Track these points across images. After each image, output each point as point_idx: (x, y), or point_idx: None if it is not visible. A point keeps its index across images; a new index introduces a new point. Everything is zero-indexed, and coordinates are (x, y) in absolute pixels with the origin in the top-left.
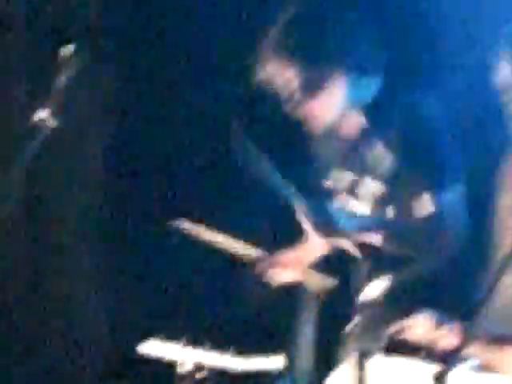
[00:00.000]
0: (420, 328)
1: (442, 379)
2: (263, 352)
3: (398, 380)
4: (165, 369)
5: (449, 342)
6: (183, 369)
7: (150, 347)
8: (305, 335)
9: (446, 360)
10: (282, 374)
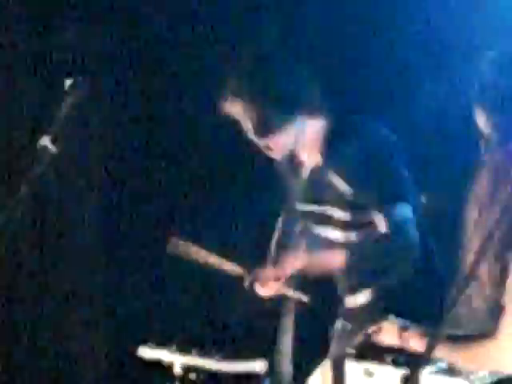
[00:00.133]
0: (386, 333)
1: (410, 381)
2: (247, 357)
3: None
4: (159, 370)
5: (415, 346)
6: (176, 371)
7: (147, 351)
8: (284, 342)
9: (413, 363)
10: (264, 376)
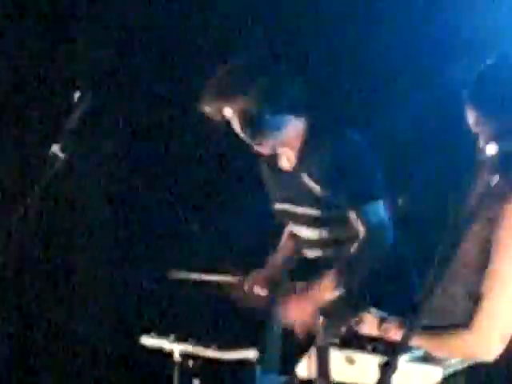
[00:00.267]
0: (366, 324)
1: (387, 367)
2: (240, 346)
3: (352, 369)
4: (161, 358)
5: (393, 335)
6: (175, 358)
7: (149, 340)
8: (274, 332)
9: (391, 351)
10: (256, 363)
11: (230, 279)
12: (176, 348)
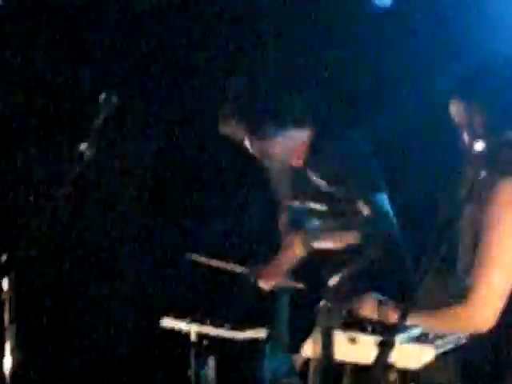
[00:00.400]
0: (366, 307)
1: (385, 346)
2: (251, 326)
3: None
4: (180, 338)
5: (390, 317)
6: (192, 338)
7: (168, 322)
8: (282, 314)
9: (389, 331)
10: (265, 342)
11: (241, 269)
12: (192, 329)
